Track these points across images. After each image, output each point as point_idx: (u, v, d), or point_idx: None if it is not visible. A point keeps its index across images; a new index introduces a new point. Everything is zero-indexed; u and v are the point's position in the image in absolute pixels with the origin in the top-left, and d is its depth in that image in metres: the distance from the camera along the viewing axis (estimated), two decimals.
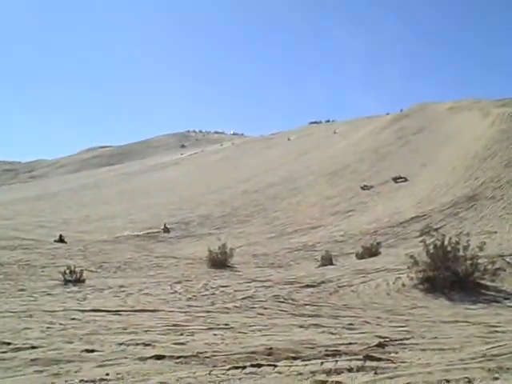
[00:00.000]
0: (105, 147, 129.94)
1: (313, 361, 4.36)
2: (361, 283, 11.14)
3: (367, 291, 10.41)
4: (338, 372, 3.97)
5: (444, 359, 4.29)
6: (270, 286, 11.02)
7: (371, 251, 17.27)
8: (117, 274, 13.69)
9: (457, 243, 10.29)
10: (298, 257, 19.98)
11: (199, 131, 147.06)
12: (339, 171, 42.32)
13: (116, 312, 7.63)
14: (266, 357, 4.62)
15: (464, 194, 26.49)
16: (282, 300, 9.37)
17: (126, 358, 4.61)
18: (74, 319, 6.91)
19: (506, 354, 4.22)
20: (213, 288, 10.76)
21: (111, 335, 5.76)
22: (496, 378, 3.59)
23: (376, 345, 5.02)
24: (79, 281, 11.28)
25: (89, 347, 5.05)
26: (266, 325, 6.69)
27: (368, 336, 5.68)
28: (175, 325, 6.53)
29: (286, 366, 4.19)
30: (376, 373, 3.89)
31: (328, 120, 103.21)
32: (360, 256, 17.08)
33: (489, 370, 3.77)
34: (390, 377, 3.74)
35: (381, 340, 5.29)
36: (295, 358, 4.51)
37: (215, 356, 4.67)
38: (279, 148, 71.66)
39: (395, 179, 34.76)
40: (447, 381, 3.54)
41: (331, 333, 6.07)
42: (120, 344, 5.24)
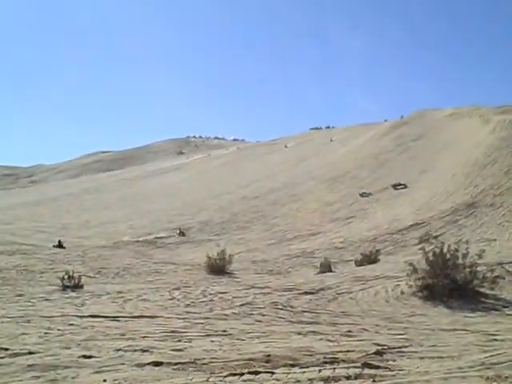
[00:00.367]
0: (105, 152, 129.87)
1: (311, 368, 4.35)
2: (360, 290, 11.12)
3: (366, 298, 10.40)
4: (336, 379, 3.96)
5: (442, 367, 4.28)
6: (269, 293, 11.00)
7: (370, 258, 17.26)
8: (115, 280, 13.66)
9: (456, 251, 10.28)
10: (297, 263, 19.96)
11: (199, 137, 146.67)
12: (339, 177, 42.35)
13: (114, 318, 7.62)
14: (264, 364, 4.61)
15: (463, 202, 26.51)
16: (281, 307, 9.35)
17: (124, 365, 4.60)
18: (72, 325, 6.90)
19: (505, 363, 4.21)
20: (211, 294, 10.74)
21: (109, 341, 5.75)
22: None
23: (374, 352, 5.01)
24: (77, 286, 11.26)
25: (86, 353, 5.04)
26: (264, 332, 6.67)
27: (366, 343, 5.67)
28: (173, 331, 6.52)
29: (284, 374, 4.18)
30: (374, 380, 3.88)
31: (328, 126, 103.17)
32: (359, 263, 17.06)
33: (487, 379, 3.76)
34: None
35: (379, 348, 5.27)
36: (293, 366, 4.50)
37: (213, 363, 4.66)
38: (280, 154, 71.71)
39: (395, 186, 34.77)
40: None
41: (329, 340, 6.06)
42: (118, 350, 5.23)
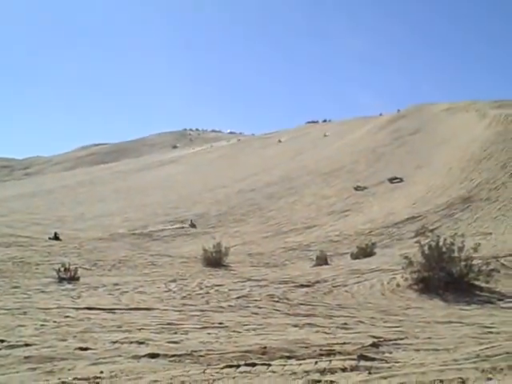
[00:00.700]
0: (99, 145, 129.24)
1: (307, 360, 4.36)
2: (355, 283, 11.15)
3: (362, 291, 10.43)
4: (332, 371, 3.97)
5: (438, 359, 4.30)
6: (265, 286, 11.02)
7: (366, 251, 17.30)
8: (111, 272, 13.65)
9: (452, 244, 10.32)
10: (293, 256, 20.01)
11: (196, 129, 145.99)
12: (335, 171, 42.37)
13: (110, 310, 7.61)
14: (260, 356, 4.62)
15: (459, 196, 26.61)
16: (277, 299, 9.36)
17: (120, 356, 4.60)
18: (68, 317, 6.89)
19: (500, 355, 4.23)
20: (207, 287, 10.75)
21: (105, 333, 5.75)
22: (490, 379, 3.60)
23: (370, 344, 5.03)
24: (74, 278, 11.24)
25: (83, 345, 5.04)
26: (261, 324, 6.68)
27: (362, 336, 5.69)
28: (169, 323, 6.53)
29: (280, 366, 4.19)
30: (370, 372, 3.89)
31: (325, 120, 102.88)
32: (355, 256, 17.11)
33: (483, 371, 3.78)
34: (384, 377, 3.74)
35: (375, 340, 5.29)
36: (289, 358, 4.51)
37: (209, 355, 4.67)
38: (276, 147, 71.63)
39: (391, 180, 34.84)
40: (441, 381, 3.55)
41: (325, 332, 6.08)
42: (114, 342, 5.23)
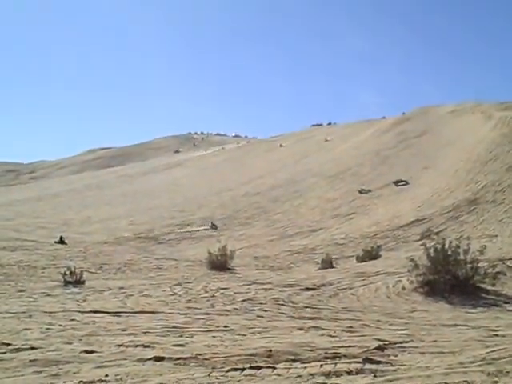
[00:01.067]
0: (105, 149, 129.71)
1: (312, 363, 4.36)
2: (361, 286, 11.12)
3: (367, 294, 10.40)
4: (338, 374, 3.97)
5: (443, 362, 4.28)
6: (270, 289, 11.00)
7: (372, 254, 17.25)
8: (117, 276, 13.68)
9: (457, 247, 10.27)
10: (299, 259, 19.97)
11: (201, 133, 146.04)
12: (340, 174, 42.27)
13: (115, 313, 7.63)
14: (266, 359, 4.62)
15: (465, 198, 26.47)
16: (282, 302, 9.35)
17: (125, 360, 4.62)
18: (74, 320, 6.91)
19: (506, 358, 4.22)
20: (212, 290, 10.75)
21: (110, 336, 5.76)
22: (495, 382, 3.59)
23: (375, 348, 5.02)
24: (79, 282, 11.27)
25: (88, 348, 5.06)
26: (266, 327, 6.68)
27: (367, 339, 5.67)
28: (175, 327, 6.53)
29: (286, 369, 4.18)
30: (375, 376, 3.89)
31: (330, 123, 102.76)
32: (360, 259, 17.05)
33: (488, 374, 3.77)
34: (390, 380, 3.73)
35: (380, 343, 5.28)
36: (294, 361, 4.51)
37: (214, 358, 4.67)
38: (281, 151, 71.61)
39: (396, 182, 34.70)
40: None
41: (331, 335, 6.07)
42: (119, 345, 5.24)
